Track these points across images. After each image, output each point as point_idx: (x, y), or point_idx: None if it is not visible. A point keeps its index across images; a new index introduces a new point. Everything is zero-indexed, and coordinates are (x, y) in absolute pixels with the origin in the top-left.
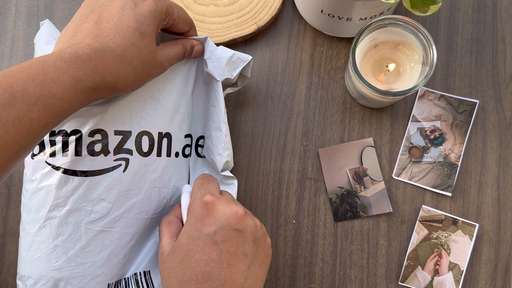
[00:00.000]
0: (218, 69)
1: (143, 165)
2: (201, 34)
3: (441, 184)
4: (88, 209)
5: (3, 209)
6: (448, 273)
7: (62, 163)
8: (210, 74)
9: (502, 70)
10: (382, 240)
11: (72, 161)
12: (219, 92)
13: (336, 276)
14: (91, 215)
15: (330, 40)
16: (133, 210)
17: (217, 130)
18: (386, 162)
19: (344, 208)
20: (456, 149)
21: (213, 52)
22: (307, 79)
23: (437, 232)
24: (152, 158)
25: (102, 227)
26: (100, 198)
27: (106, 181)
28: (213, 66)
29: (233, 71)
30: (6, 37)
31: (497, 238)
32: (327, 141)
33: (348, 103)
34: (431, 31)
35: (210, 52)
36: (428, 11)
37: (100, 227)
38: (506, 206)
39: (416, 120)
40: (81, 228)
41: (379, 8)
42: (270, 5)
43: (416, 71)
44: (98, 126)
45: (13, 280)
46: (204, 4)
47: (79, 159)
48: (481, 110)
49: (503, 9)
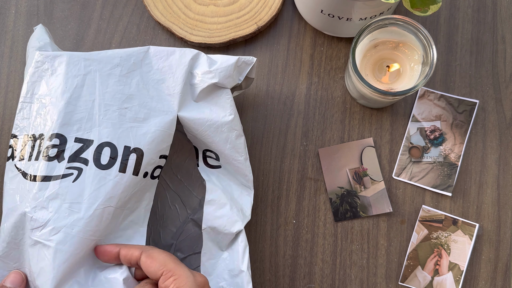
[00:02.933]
0: (227, 78)
1: (98, 179)
2: (201, 34)
3: (441, 184)
4: (29, 216)
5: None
6: (448, 273)
7: (21, 167)
8: (220, 85)
9: (502, 70)
10: (382, 240)
11: (29, 164)
12: (232, 99)
13: (336, 276)
14: (31, 222)
15: (330, 40)
16: (76, 227)
17: (240, 137)
18: (386, 162)
19: (344, 208)
20: (456, 149)
21: (215, 64)
22: (307, 79)
23: (437, 232)
24: (112, 173)
25: (38, 237)
26: (42, 205)
27: (52, 189)
28: (222, 76)
29: (240, 75)
30: (6, 37)
31: (497, 238)
32: (327, 141)
33: (348, 103)
34: (431, 31)
35: (210, 65)
36: (428, 11)
37: (37, 237)
38: (506, 206)
39: (416, 120)
40: (24, 236)
41: (379, 8)
42: (270, 5)
43: (416, 71)
44: (58, 131)
45: None
46: (204, 4)
47: (35, 163)
48: (481, 110)
49: (503, 9)
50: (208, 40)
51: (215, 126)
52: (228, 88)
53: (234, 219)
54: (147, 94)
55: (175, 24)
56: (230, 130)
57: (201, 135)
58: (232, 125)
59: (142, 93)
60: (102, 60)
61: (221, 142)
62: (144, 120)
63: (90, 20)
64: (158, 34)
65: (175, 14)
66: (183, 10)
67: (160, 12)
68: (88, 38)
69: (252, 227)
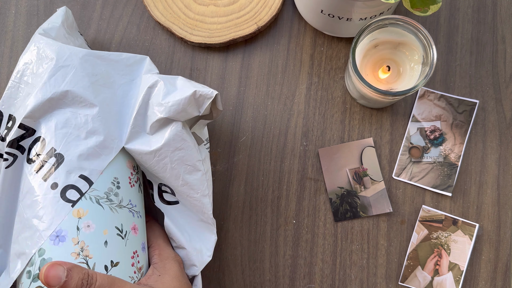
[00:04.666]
0: (180, 113)
1: (20, 173)
2: (201, 34)
3: (441, 184)
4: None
5: None
6: (448, 273)
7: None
8: (172, 118)
9: (502, 70)
10: (382, 240)
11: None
12: (183, 132)
13: (336, 276)
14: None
15: (330, 40)
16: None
17: (194, 172)
18: (386, 162)
19: (344, 208)
20: (456, 149)
21: (169, 95)
22: (307, 79)
23: (437, 232)
24: (33, 172)
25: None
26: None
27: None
28: (173, 110)
29: (200, 108)
30: (6, 37)
31: (497, 238)
32: (327, 141)
33: (348, 103)
34: (431, 31)
35: (165, 95)
36: (428, 11)
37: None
38: (506, 206)
39: (416, 120)
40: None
41: (379, 8)
42: (270, 5)
43: (416, 71)
44: (12, 112)
45: None
46: (204, 4)
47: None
48: (481, 110)
49: (503, 9)
50: (208, 40)
51: (164, 162)
52: (180, 121)
53: (190, 263)
54: (110, 109)
55: (175, 24)
56: (181, 165)
57: (152, 170)
58: (183, 160)
59: (107, 107)
60: (88, 60)
61: (172, 178)
62: (86, 138)
63: (90, 20)
64: (158, 34)
65: (175, 14)
66: (183, 10)
67: (160, 12)
68: (88, 38)
69: (252, 227)
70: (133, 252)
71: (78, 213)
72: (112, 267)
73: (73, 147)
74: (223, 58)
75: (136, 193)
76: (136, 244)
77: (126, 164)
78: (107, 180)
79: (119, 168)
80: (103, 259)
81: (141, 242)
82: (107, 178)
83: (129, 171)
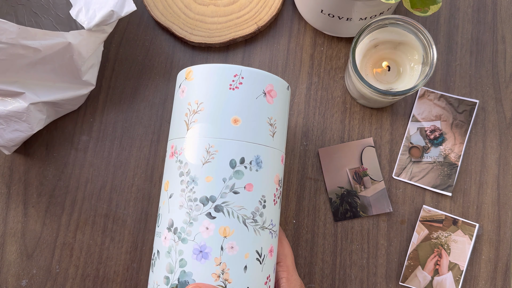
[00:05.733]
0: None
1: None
2: (201, 34)
3: (441, 184)
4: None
5: (3, 209)
6: (448, 273)
7: None
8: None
9: (502, 70)
10: (382, 240)
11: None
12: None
13: (336, 276)
14: None
15: (330, 40)
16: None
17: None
18: (386, 162)
19: (344, 208)
20: (456, 149)
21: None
22: (307, 79)
23: (437, 232)
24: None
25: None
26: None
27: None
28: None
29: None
30: None
31: (497, 238)
32: (327, 141)
33: (348, 103)
34: (431, 31)
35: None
36: (428, 11)
37: None
38: (506, 206)
39: (416, 120)
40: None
41: (379, 8)
42: (270, 5)
43: (416, 71)
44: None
45: (13, 280)
46: (204, 4)
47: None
48: (481, 110)
49: (503, 9)
50: (208, 40)
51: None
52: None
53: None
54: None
55: (175, 24)
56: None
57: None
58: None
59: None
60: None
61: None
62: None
63: None
64: (158, 34)
65: (175, 14)
66: (183, 10)
67: (160, 12)
68: None
69: None
70: (266, 278)
71: (224, 232)
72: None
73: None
74: (223, 58)
75: (277, 210)
76: (270, 268)
77: (274, 179)
78: (255, 199)
79: (267, 184)
80: (240, 285)
81: (274, 264)
82: (256, 196)
83: (275, 187)
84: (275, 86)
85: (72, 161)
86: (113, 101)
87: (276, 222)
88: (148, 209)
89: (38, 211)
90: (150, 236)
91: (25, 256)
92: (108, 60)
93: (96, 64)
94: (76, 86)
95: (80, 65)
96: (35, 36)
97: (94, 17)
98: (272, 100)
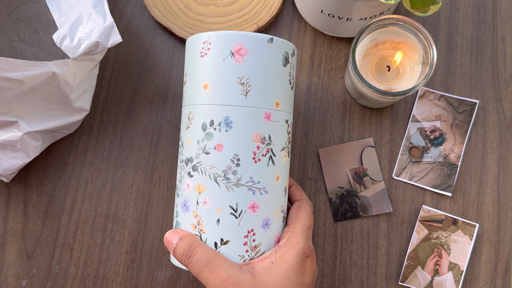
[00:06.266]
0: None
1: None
2: None
3: (441, 184)
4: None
5: (3, 209)
6: (448, 273)
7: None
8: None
9: (502, 70)
10: (382, 240)
11: None
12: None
13: (336, 276)
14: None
15: (330, 40)
16: None
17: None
18: (386, 162)
19: (344, 208)
20: (456, 149)
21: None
22: (307, 79)
23: (437, 232)
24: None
25: None
26: None
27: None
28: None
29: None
30: None
31: (497, 238)
32: (327, 141)
33: (348, 103)
34: (431, 31)
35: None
36: (428, 11)
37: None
38: (506, 206)
39: (416, 120)
40: None
41: (379, 8)
42: (270, 5)
43: (416, 71)
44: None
45: (13, 280)
46: (204, 4)
47: None
48: (481, 110)
49: (503, 9)
50: None
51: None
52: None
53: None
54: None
55: (175, 24)
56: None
57: None
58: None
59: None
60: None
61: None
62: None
63: None
64: (158, 34)
65: (175, 14)
66: (183, 10)
67: (160, 12)
68: None
69: None
70: (247, 231)
71: (199, 188)
72: (221, 244)
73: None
74: None
75: (262, 168)
76: (254, 222)
77: (252, 138)
78: (227, 158)
79: (241, 143)
80: (214, 236)
81: (263, 219)
82: (227, 155)
83: (255, 145)
84: (246, 44)
85: (72, 161)
86: (113, 101)
87: (263, 179)
88: (148, 209)
89: (38, 211)
90: (150, 236)
91: (25, 256)
92: (108, 60)
93: (89, 90)
94: (68, 113)
95: (68, 93)
96: (17, 67)
97: (79, 47)
98: (241, 59)
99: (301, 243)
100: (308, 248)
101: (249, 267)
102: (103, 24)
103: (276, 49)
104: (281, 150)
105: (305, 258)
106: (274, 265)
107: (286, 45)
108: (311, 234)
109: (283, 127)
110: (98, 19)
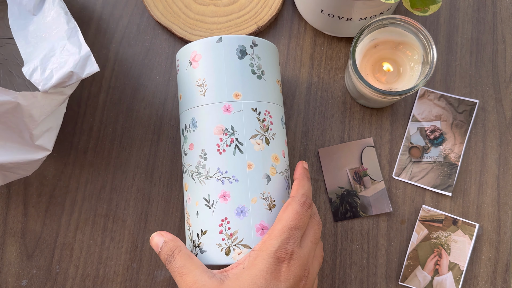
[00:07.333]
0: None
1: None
2: (201, 34)
3: (441, 184)
4: None
5: (3, 209)
6: (448, 273)
7: None
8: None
9: (502, 70)
10: (382, 240)
11: None
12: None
13: (336, 276)
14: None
15: (330, 40)
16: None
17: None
18: (386, 162)
19: (344, 208)
20: (456, 149)
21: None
22: (307, 79)
23: (437, 232)
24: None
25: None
26: None
27: None
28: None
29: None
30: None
31: (497, 238)
32: (327, 141)
33: (348, 103)
34: (431, 31)
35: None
36: (428, 11)
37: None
38: (506, 206)
39: (416, 120)
40: None
41: (379, 8)
42: (270, 5)
43: (416, 71)
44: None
45: (13, 280)
46: (204, 4)
47: None
48: (481, 110)
49: (503, 9)
50: None
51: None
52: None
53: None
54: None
55: (175, 24)
56: None
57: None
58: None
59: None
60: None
61: None
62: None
63: (90, 20)
64: (158, 34)
65: (175, 14)
66: (183, 10)
67: (160, 12)
68: (88, 38)
69: None
70: (221, 220)
71: (185, 187)
72: (202, 235)
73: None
74: None
75: (229, 157)
76: (227, 211)
77: (214, 131)
78: (196, 154)
79: (205, 138)
80: (196, 228)
81: (236, 207)
82: (197, 152)
83: (218, 138)
84: (199, 50)
85: (72, 161)
86: (113, 101)
87: (230, 168)
88: (148, 209)
89: (38, 211)
90: (150, 236)
91: (25, 256)
92: (108, 60)
93: (54, 128)
94: (28, 149)
95: (31, 128)
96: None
97: (51, 78)
98: (197, 64)
99: (273, 246)
100: (282, 251)
101: (223, 274)
102: (79, 53)
103: (227, 45)
104: (251, 138)
105: (279, 263)
106: (244, 271)
107: (240, 39)
108: (295, 236)
109: (249, 116)
110: (72, 50)
